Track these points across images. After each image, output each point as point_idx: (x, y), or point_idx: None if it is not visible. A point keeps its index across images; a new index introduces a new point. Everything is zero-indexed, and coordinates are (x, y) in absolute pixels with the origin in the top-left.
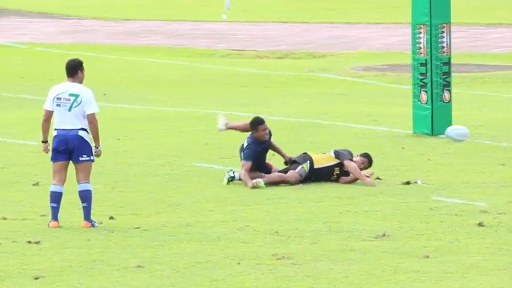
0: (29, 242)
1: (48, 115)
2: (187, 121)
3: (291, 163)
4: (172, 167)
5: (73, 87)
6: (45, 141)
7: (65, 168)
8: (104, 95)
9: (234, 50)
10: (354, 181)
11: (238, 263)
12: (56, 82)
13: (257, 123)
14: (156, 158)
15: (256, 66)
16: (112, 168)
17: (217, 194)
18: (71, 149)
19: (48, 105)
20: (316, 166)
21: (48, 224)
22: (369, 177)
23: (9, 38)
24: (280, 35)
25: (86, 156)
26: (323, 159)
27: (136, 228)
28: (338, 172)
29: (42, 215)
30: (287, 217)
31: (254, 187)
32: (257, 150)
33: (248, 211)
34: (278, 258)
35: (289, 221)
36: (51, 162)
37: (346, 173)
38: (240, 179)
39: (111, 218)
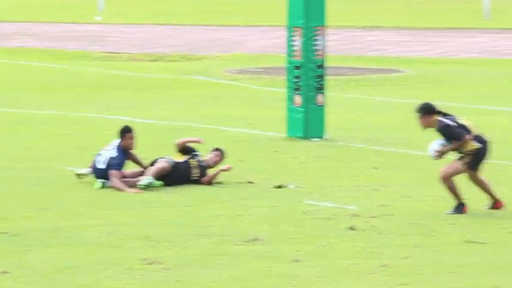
0: None
1: None
2: (60, 124)
3: (152, 163)
4: (43, 171)
5: None
6: None
7: None
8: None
9: (107, 52)
10: (212, 178)
11: (107, 268)
12: None
13: (125, 131)
14: (26, 161)
15: (131, 69)
16: None
17: (88, 199)
18: None
19: None
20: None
21: None
22: (226, 170)
23: None
24: (155, 37)
25: None
26: (179, 157)
27: (3, 233)
28: (198, 174)
29: None
30: (158, 221)
31: (145, 186)
32: (124, 160)
33: (118, 215)
34: (148, 263)
35: (160, 226)
36: None
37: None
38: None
39: None
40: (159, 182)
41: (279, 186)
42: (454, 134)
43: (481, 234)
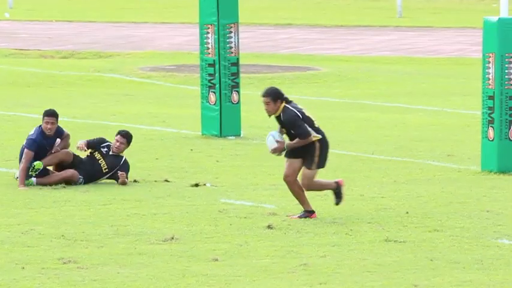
0: None
1: None
2: None
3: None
4: None
5: None
6: None
7: None
8: None
9: (17, 49)
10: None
11: (23, 268)
12: None
13: (44, 113)
14: None
15: (41, 66)
16: None
17: (1, 197)
18: None
19: None
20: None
21: None
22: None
23: None
24: (65, 34)
25: None
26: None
27: None
28: (108, 165)
29: None
30: (73, 220)
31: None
32: (42, 142)
33: (33, 214)
34: (64, 262)
35: (76, 224)
36: None
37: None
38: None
39: None
40: (39, 162)
41: (196, 185)
42: (300, 129)
43: (399, 233)
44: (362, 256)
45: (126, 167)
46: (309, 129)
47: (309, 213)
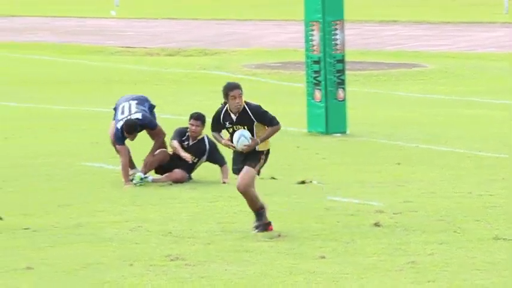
0: None
1: None
2: (75, 120)
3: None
4: (62, 167)
5: None
6: None
7: None
8: None
9: (123, 47)
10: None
11: (131, 265)
12: None
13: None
14: (45, 157)
15: (147, 64)
16: (0, 167)
17: (109, 194)
18: None
19: None
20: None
21: None
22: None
23: None
24: (170, 31)
25: None
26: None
27: (25, 229)
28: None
29: None
30: (180, 217)
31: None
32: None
33: (141, 211)
34: (172, 259)
35: (183, 222)
36: None
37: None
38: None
39: (0, 218)
40: (138, 175)
41: (302, 182)
42: (271, 115)
43: (508, 231)
44: (471, 254)
45: (213, 148)
46: None
47: (267, 225)
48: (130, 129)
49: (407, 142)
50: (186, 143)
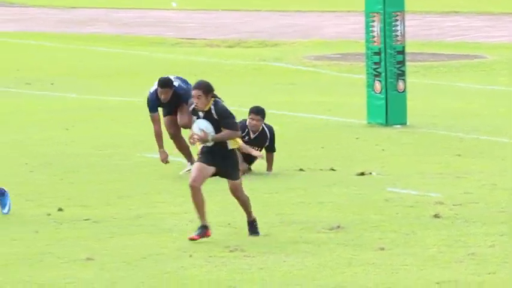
0: None
1: None
2: (135, 111)
3: None
4: (121, 158)
5: None
6: None
7: None
8: (52, 84)
9: (184, 38)
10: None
11: (191, 256)
12: (0, 72)
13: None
14: (105, 148)
15: (207, 55)
16: (60, 159)
17: (168, 186)
18: None
19: None
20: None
21: None
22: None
23: None
24: (231, 23)
25: None
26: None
27: (85, 220)
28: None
29: None
30: (240, 209)
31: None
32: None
33: None
34: (231, 251)
35: (242, 213)
36: None
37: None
38: None
39: (60, 209)
40: None
41: (361, 174)
42: (233, 120)
43: None
44: None
45: (272, 134)
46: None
47: (205, 228)
48: (164, 83)
49: (467, 133)
50: (246, 138)
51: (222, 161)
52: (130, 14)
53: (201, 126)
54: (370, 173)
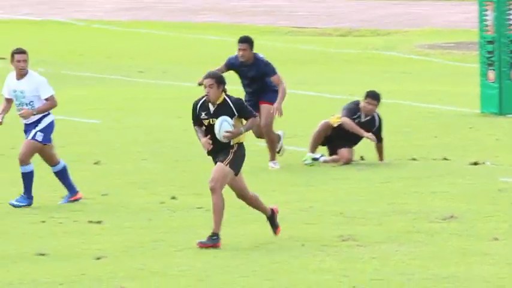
0: (90, 221)
1: None
2: None
3: None
4: None
5: None
6: None
7: None
8: (164, 72)
9: (295, 27)
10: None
11: (303, 245)
12: (115, 60)
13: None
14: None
15: (318, 44)
16: (173, 147)
17: (280, 174)
18: None
19: None
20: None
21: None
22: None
23: (67, 14)
24: (343, 12)
25: None
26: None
27: (198, 208)
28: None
29: (104, 194)
30: (352, 198)
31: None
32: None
33: (312, 192)
34: (343, 240)
35: (354, 202)
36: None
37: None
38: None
39: (173, 198)
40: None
41: (475, 163)
42: (250, 108)
43: None
44: None
45: (382, 124)
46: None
47: (217, 237)
48: (243, 37)
49: None
50: (357, 120)
51: (221, 153)
52: (243, 3)
53: (230, 121)
54: (484, 163)
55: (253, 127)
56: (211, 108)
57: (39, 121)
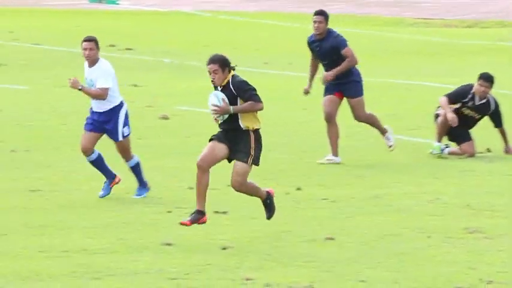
0: (216, 212)
1: None
2: (371, 92)
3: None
4: (360, 138)
5: None
6: None
7: None
8: (290, 64)
9: (421, 18)
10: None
11: (429, 236)
12: (240, 51)
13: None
14: (342, 128)
15: (444, 35)
16: (298, 138)
17: (406, 166)
18: None
19: None
20: None
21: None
22: None
23: (194, 5)
24: (469, 3)
25: None
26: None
27: (323, 199)
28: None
29: (229, 185)
30: (478, 190)
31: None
32: None
33: (438, 183)
34: (470, 232)
35: (481, 194)
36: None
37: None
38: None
39: (298, 188)
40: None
41: None
42: (253, 91)
43: None
44: None
45: (497, 108)
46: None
47: (201, 214)
48: (319, 10)
49: None
50: (470, 103)
51: (234, 140)
52: None
53: (220, 96)
54: None
55: (250, 111)
56: (218, 89)
57: (115, 114)
